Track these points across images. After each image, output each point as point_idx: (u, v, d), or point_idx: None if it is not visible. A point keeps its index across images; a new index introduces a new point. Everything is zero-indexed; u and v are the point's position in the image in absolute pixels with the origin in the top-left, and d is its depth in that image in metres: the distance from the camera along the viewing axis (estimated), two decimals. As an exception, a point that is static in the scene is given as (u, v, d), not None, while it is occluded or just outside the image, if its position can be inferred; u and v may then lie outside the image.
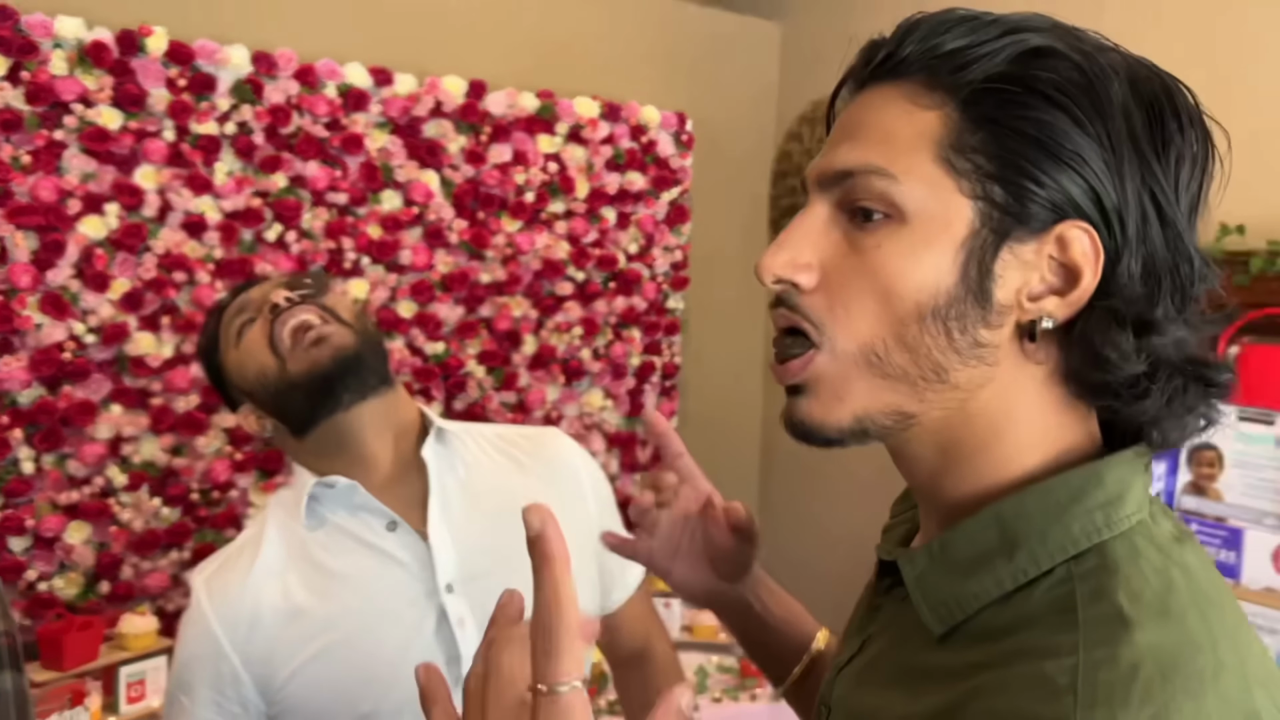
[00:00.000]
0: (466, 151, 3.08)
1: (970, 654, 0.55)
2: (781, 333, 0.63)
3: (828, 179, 0.61)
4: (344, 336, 1.05)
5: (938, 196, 0.57)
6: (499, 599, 0.60)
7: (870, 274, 0.58)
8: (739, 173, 3.84)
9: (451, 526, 1.07)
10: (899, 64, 0.60)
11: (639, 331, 3.46)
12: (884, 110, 0.60)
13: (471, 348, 3.16)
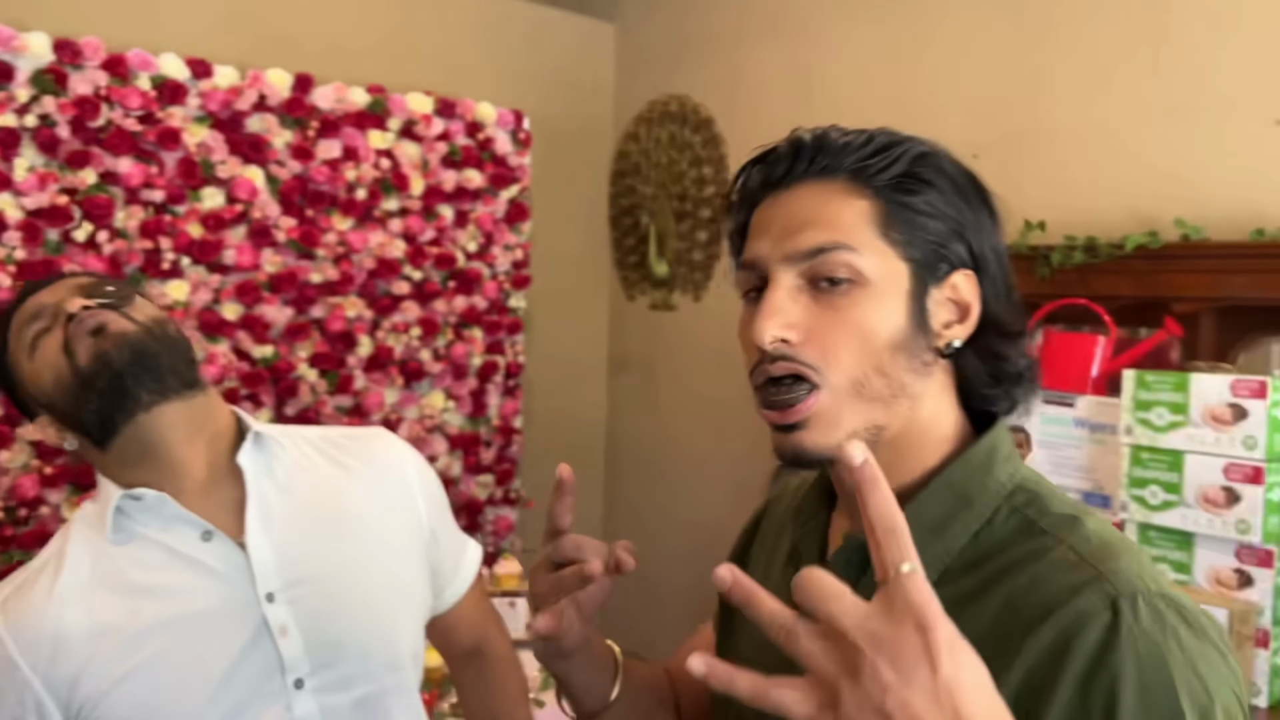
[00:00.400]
0: (293, 147, 2.98)
1: (967, 582, 0.72)
2: (773, 381, 0.75)
3: (796, 256, 0.76)
4: (128, 326, 0.99)
5: (885, 263, 0.75)
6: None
7: (850, 326, 0.74)
8: (578, 171, 3.86)
9: (271, 534, 1.03)
10: (825, 168, 0.78)
11: (480, 331, 3.43)
12: (827, 202, 0.76)
13: (303, 350, 3.06)
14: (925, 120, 2.89)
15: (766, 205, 0.80)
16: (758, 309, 0.76)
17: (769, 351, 0.75)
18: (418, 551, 1.16)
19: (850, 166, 0.78)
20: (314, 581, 1.04)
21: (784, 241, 0.76)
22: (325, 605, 1.04)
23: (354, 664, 1.05)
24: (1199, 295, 2.14)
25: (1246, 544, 1.94)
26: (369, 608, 1.07)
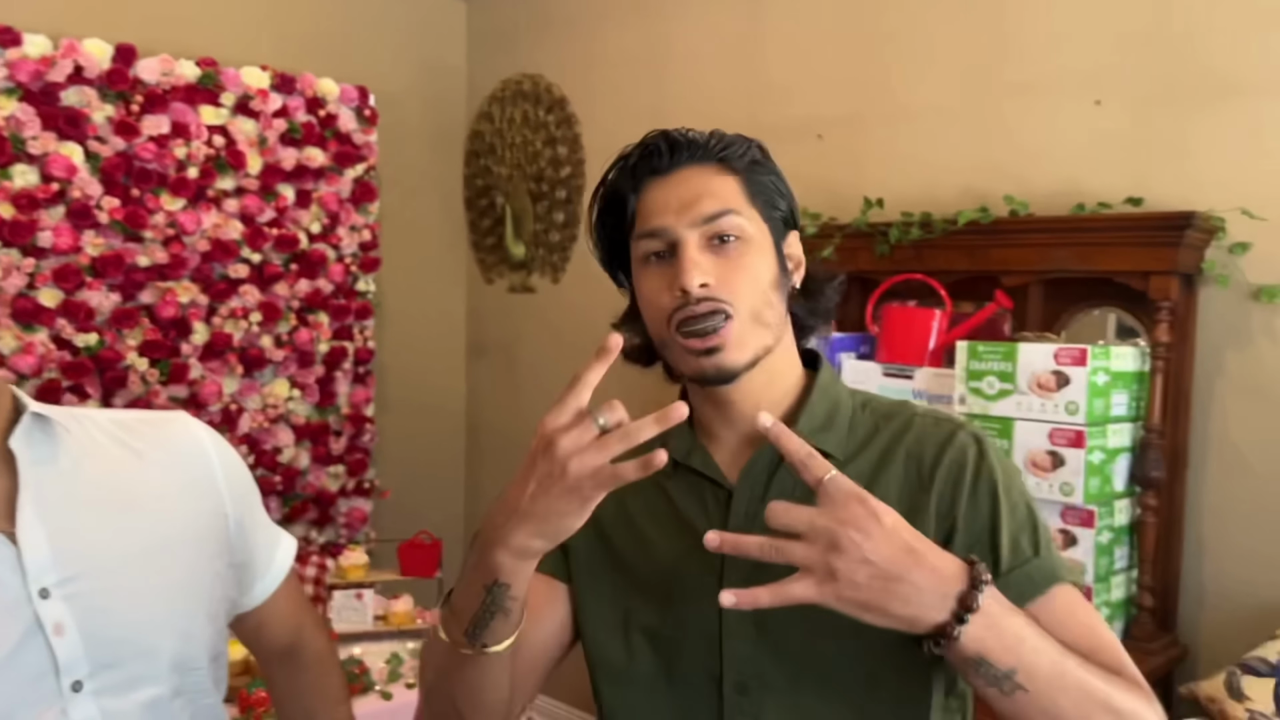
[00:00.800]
0: (115, 122, 2.79)
1: (867, 458, 0.97)
2: (695, 318, 0.93)
3: (699, 221, 0.95)
4: None
5: (756, 225, 0.98)
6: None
7: (746, 271, 0.95)
8: (429, 151, 3.76)
9: (47, 525, 0.94)
10: (698, 156, 0.99)
11: (326, 316, 3.30)
12: (709, 180, 0.98)
13: (131, 338, 2.88)
14: (772, 100, 2.93)
15: (655, 188, 0.98)
16: (679, 265, 0.94)
17: (693, 295, 0.93)
18: (219, 543, 1.08)
19: (717, 155, 0.99)
20: (96, 575, 0.95)
21: (685, 212, 0.96)
22: (108, 601, 0.95)
23: (140, 664, 0.97)
24: (1026, 268, 2.23)
25: (1070, 505, 2.03)
26: (159, 603, 0.99)
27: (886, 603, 0.77)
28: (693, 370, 0.97)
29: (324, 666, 1.26)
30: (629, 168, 1.00)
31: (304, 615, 1.26)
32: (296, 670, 1.24)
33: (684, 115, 3.11)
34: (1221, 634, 2.12)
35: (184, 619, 1.02)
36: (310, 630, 1.26)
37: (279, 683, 1.25)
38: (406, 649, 2.35)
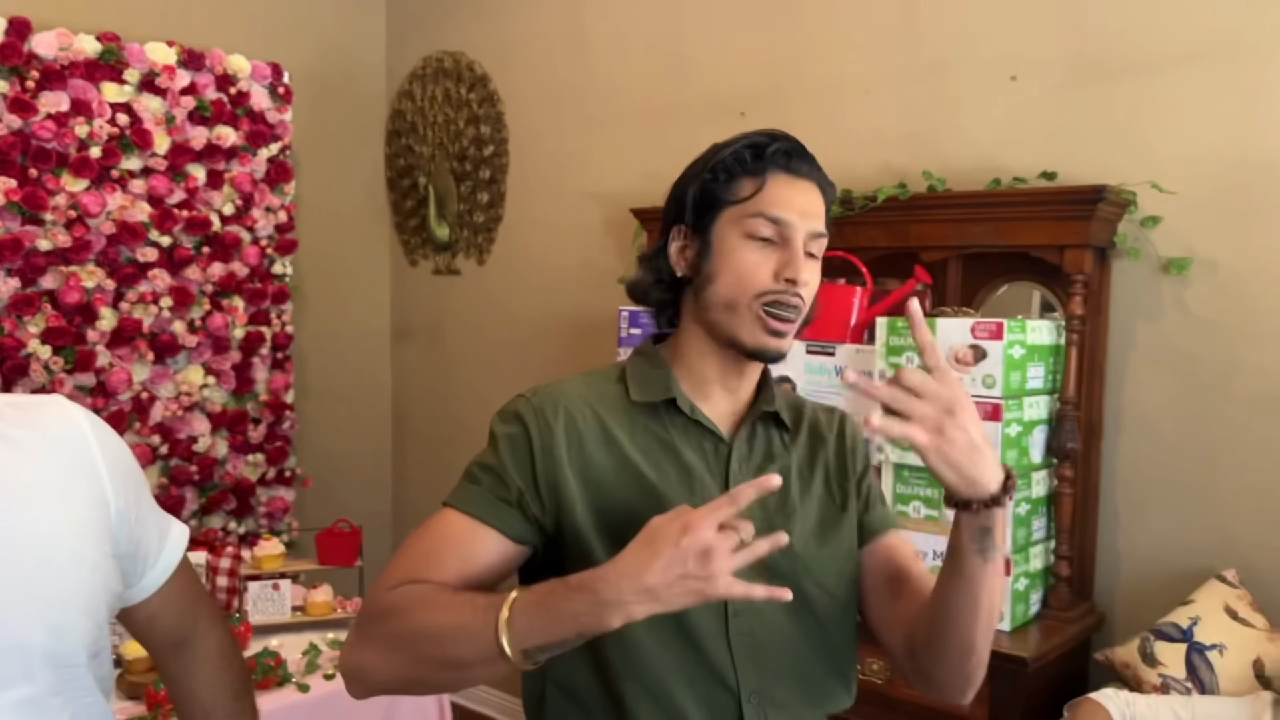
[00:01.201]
0: (9, 99, 2.66)
1: (803, 433, 1.18)
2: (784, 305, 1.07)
3: (810, 235, 1.09)
4: None
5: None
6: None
7: (816, 280, 1.12)
8: (349, 130, 3.66)
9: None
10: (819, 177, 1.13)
11: (241, 300, 3.19)
12: (820, 202, 1.12)
13: (33, 325, 2.76)
14: (694, 77, 2.90)
15: (784, 183, 1.10)
16: (791, 258, 1.08)
17: (798, 286, 1.08)
18: (99, 533, 1.02)
19: (821, 181, 1.14)
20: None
21: (805, 220, 1.09)
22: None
23: (9, 661, 0.91)
24: (944, 244, 2.24)
25: (989, 478, 2.05)
26: (28, 597, 0.93)
27: (968, 464, 0.95)
28: (755, 342, 1.09)
29: (223, 660, 1.20)
30: (765, 152, 1.11)
31: (200, 607, 1.20)
32: (193, 664, 1.19)
33: (607, 94, 3.09)
34: (1136, 601, 2.16)
35: (59, 613, 0.96)
36: (207, 622, 1.20)
37: (175, 678, 1.19)
38: (326, 640, 2.29)
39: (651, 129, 2.96)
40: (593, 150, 3.13)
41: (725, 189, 1.11)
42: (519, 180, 3.38)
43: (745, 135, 1.13)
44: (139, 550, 1.09)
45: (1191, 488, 2.10)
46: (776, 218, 1.08)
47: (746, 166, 1.11)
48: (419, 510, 3.78)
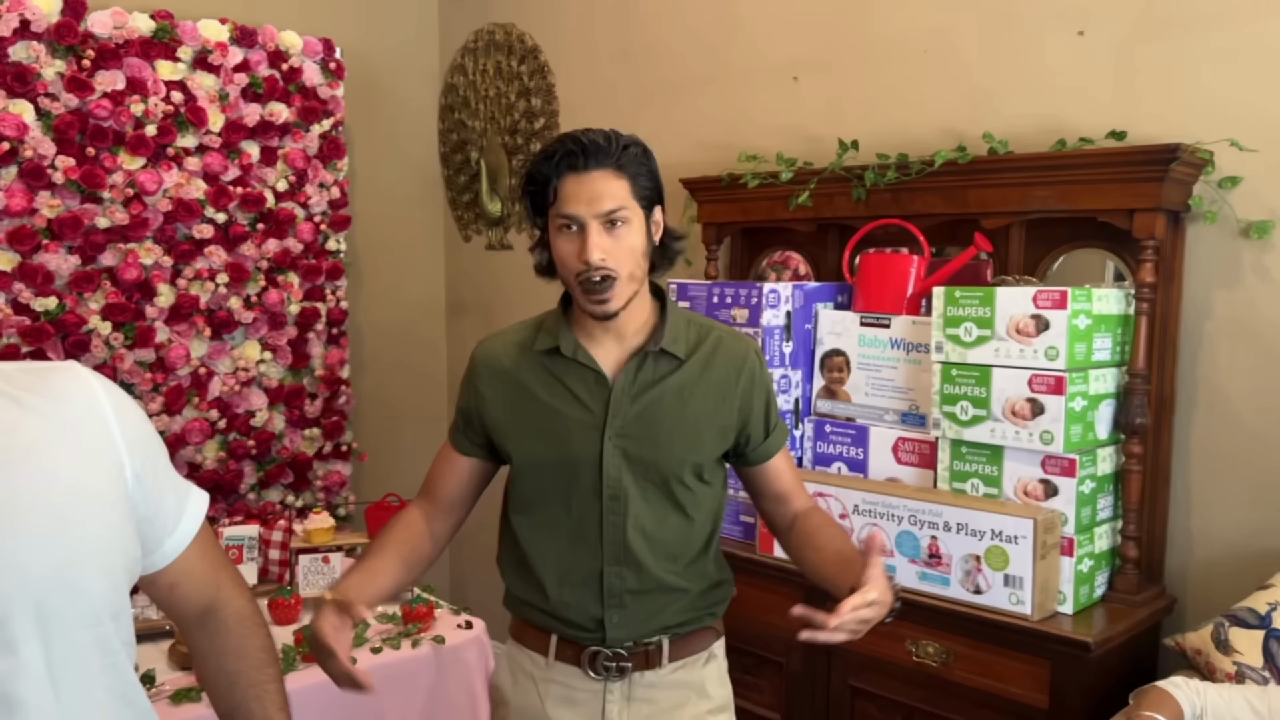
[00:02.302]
0: (67, 78, 2.70)
1: (699, 357, 1.49)
2: (595, 281, 1.39)
3: (602, 215, 1.39)
4: None
5: (635, 210, 1.42)
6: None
7: (626, 246, 1.41)
8: (402, 106, 3.65)
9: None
10: (604, 161, 1.40)
11: (296, 277, 3.22)
12: (608, 182, 1.40)
13: (93, 302, 2.81)
14: (745, 42, 2.82)
15: (573, 180, 1.40)
16: (586, 243, 1.39)
17: (594, 265, 1.39)
18: (115, 497, 1.01)
19: (615, 161, 1.41)
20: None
21: (593, 205, 1.39)
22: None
23: (23, 622, 0.90)
24: (1006, 210, 2.13)
25: (1051, 454, 1.95)
26: (44, 556, 0.93)
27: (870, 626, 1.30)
28: (588, 311, 1.45)
29: (246, 627, 1.20)
30: (553, 161, 1.41)
31: (221, 574, 1.19)
32: (216, 633, 1.18)
33: (656, 62, 3.02)
34: (1209, 585, 2.05)
35: (75, 573, 0.95)
36: (229, 589, 1.20)
37: (199, 646, 1.19)
38: (374, 613, 2.30)
39: (701, 97, 2.89)
40: (642, 120, 3.07)
41: (539, 197, 1.44)
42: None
43: (543, 147, 1.45)
44: (157, 515, 1.09)
45: (1270, 465, 1.98)
46: (569, 215, 1.40)
47: (548, 176, 1.42)
48: (475, 485, 3.79)
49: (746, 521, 2.35)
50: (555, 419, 1.48)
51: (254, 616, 1.21)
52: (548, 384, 1.49)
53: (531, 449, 1.49)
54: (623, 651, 1.49)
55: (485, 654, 2.29)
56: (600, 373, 1.47)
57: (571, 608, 1.49)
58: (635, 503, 1.47)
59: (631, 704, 1.50)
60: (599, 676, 1.49)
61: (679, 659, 1.52)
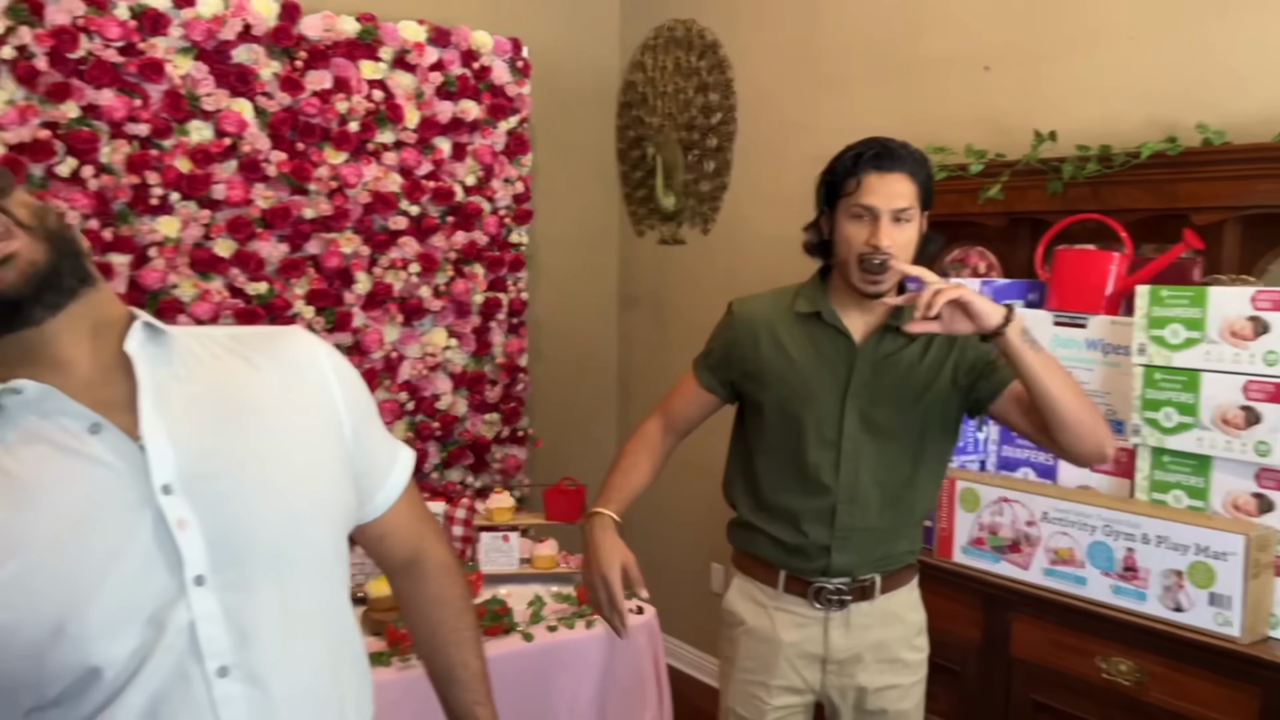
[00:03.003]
0: (281, 78, 2.90)
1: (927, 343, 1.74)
2: (877, 265, 1.63)
3: (894, 210, 1.65)
4: (33, 251, 0.92)
5: (917, 213, 1.69)
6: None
7: (905, 240, 1.66)
8: (582, 102, 3.74)
9: (170, 426, 0.97)
10: (900, 165, 1.66)
11: (481, 267, 3.35)
12: (904, 184, 1.66)
13: (299, 287, 3.01)
14: (933, 31, 2.74)
15: (875, 177, 1.65)
16: (878, 231, 1.64)
17: (882, 250, 1.63)
18: (336, 451, 1.09)
19: (909, 169, 1.67)
20: (217, 475, 0.97)
21: (890, 201, 1.65)
22: (229, 500, 0.97)
23: (261, 562, 0.98)
24: (1221, 204, 2.00)
25: (1267, 467, 1.82)
26: (278, 505, 1.01)
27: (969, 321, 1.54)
28: (859, 288, 1.69)
29: (447, 577, 1.27)
30: (861, 159, 1.67)
31: (425, 526, 1.27)
32: (420, 581, 1.26)
33: (837, 54, 2.98)
34: None
35: (306, 522, 1.04)
36: (431, 541, 1.27)
37: (404, 594, 1.27)
38: (550, 592, 2.37)
39: (884, 89, 2.84)
40: (822, 114, 3.04)
41: (835, 187, 1.71)
42: (746, 147, 3.34)
43: (850, 147, 1.70)
44: (371, 469, 1.16)
45: None
46: (867, 205, 1.66)
47: (848, 169, 1.68)
48: (642, 476, 3.85)
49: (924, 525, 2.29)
50: (805, 373, 1.75)
51: (454, 567, 1.29)
52: (801, 342, 1.76)
53: (781, 396, 1.76)
54: (843, 586, 1.76)
55: (655, 639, 2.32)
56: (850, 338, 1.74)
57: (803, 543, 1.75)
58: (867, 452, 1.73)
59: (849, 629, 1.78)
60: (822, 607, 1.77)
61: (887, 592, 1.79)
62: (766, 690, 1.83)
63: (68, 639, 0.91)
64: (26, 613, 0.90)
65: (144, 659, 0.93)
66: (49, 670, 0.92)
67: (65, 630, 0.90)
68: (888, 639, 1.80)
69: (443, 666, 1.26)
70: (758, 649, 1.83)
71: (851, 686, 1.80)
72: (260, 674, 0.99)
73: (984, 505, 2.12)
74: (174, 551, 0.94)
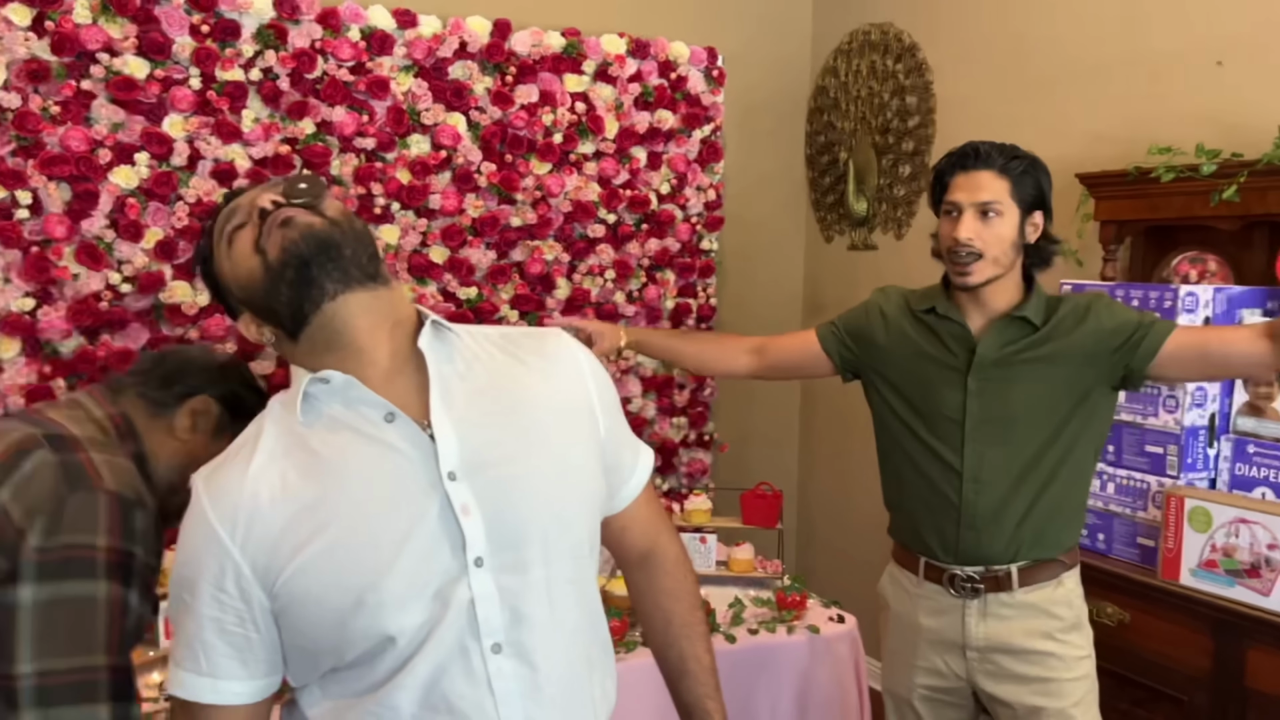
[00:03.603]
0: (493, 93, 3.05)
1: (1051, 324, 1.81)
2: (961, 257, 1.78)
3: (976, 203, 1.78)
4: (314, 219, 1.03)
5: (1010, 209, 1.79)
6: None
7: (995, 234, 1.78)
8: (773, 109, 3.76)
9: (454, 418, 1.05)
10: (986, 164, 1.80)
11: (673, 273, 3.41)
12: (989, 180, 1.79)
13: (504, 292, 3.15)
14: (1155, 22, 2.61)
15: (961, 177, 1.81)
16: (959, 225, 1.79)
17: (962, 242, 1.77)
18: (593, 446, 1.16)
19: (998, 166, 1.79)
20: (495, 464, 1.05)
21: (971, 195, 1.79)
22: (505, 488, 1.05)
23: (532, 547, 1.05)
24: None
25: None
26: (547, 493, 1.08)
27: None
28: (953, 280, 1.83)
29: (681, 572, 1.32)
30: (950, 161, 1.84)
31: (660, 522, 1.32)
32: (654, 574, 1.31)
33: (1047, 51, 2.88)
34: None
35: (572, 511, 1.10)
36: (667, 536, 1.32)
37: (639, 586, 1.32)
38: (749, 596, 2.39)
39: (1100, 86, 2.72)
40: (1028, 114, 2.94)
41: (937, 189, 1.87)
42: (944, 150, 3.26)
43: (947, 155, 1.87)
44: (619, 464, 1.23)
45: None
46: (952, 201, 1.81)
47: (940, 172, 1.86)
48: (822, 483, 3.82)
49: (1145, 545, 2.18)
50: (927, 362, 1.87)
51: (686, 562, 1.33)
52: (924, 334, 1.89)
53: (904, 380, 1.90)
54: (975, 574, 1.82)
55: (857, 650, 2.31)
56: (967, 328, 1.84)
57: (933, 523, 1.85)
58: (993, 434, 1.80)
59: (986, 619, 1.83)
60: (957, 594, 1.84)
61: (1028, 585, 1.82)
62: (911, 671, 1.93)
63: (367, 609, 1.00)
64: (333, 583, 1.00)
65: (430, 631, 1.01)
66: (349, 636, 1.01)
67: (365, 601, 0.99)
68: (1031, 632, 1.82)
69: (676, 659, 1.31)
70: (903, 632, 1.95)
71: (997, 676, 1.84)
72: (528, 652, 1.05)
73: (1217, 526, 2.01)
74: (458, 534, 1.02)
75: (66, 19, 2.48)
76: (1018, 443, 1.79)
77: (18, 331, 2.49)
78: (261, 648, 1.04)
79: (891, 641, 1.99)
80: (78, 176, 2.53)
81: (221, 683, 1.03)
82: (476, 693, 1.02)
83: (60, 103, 2.50)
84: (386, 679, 1.02)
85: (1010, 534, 1.80)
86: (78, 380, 2.57)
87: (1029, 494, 1.79)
